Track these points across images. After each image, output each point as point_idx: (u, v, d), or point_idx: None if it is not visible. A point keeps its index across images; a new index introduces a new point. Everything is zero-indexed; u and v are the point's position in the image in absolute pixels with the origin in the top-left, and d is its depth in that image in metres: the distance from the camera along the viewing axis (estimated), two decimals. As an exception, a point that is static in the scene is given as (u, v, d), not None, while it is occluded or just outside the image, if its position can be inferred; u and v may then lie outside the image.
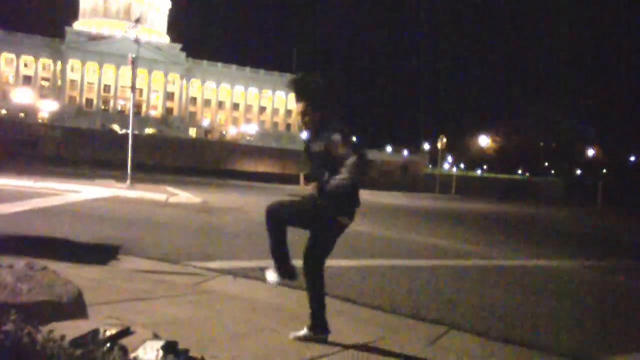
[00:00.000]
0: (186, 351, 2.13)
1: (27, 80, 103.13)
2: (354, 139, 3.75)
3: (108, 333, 2.16)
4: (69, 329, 2.12)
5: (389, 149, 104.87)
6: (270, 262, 3.93)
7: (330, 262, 3.79)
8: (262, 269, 4.28)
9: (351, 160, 3.59)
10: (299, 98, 3.91)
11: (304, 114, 3.90)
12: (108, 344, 1.90)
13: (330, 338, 3.86)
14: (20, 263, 3.39)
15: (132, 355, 1.92)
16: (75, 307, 2.88)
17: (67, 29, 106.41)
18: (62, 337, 1.79)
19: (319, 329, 3.79)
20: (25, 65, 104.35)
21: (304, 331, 3.79)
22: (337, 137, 3.64)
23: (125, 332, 2.22)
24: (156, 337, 2.29)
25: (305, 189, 3.83)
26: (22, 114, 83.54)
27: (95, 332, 2.13)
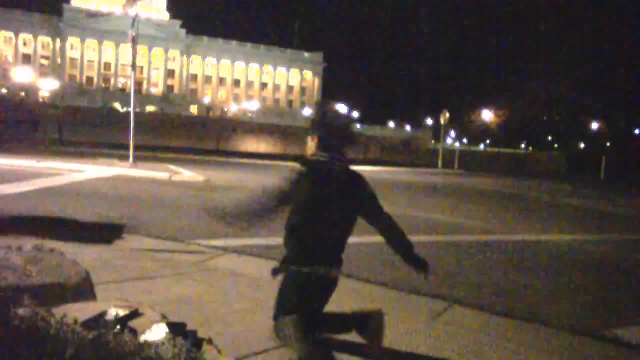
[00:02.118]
0: (194, 332, 2.18)
1: (27, 58, 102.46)
2: None
3: (117, 315, 2.21)
4: (79, 311, 2.17)
5: (391, 124, 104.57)
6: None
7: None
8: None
9: None
10: None
11: None
12: (118, 326, 1.95)
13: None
14: (28, 245, 3.44)
15: (141, 337, 1.97)
16: (84, 288, 2.94)
17: (65, 5, 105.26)
18: (75, 321, 1.83)
19: None
20: (24, 43, 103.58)
21: None
22: None
23: (134, 314, 2.27)
24: (164, 318, 2.34)
25: None
26: (22, 93, 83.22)
27: (105, 314, 2.18)
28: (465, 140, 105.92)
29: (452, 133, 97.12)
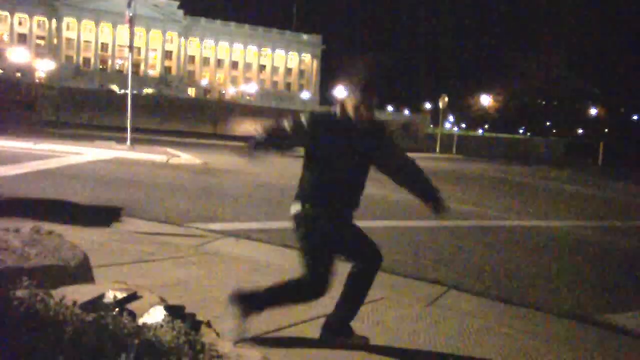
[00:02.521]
0: (192, 315, 2.18)
1: (22, 38, 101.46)
2: None
3: (116, 298, 2.21)
4: (78, 294, 2.18)
5: (390, 108, 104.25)
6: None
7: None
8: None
9: None
10: None
11: None
12: (116, 309, 1.96)
13: (332, 299, 3.93)
14: (26, 227, 3.44)
15: (140, 320, 1.97)
16: (82, 271, 2.94)
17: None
18: (74, 303, 1.84)
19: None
20: (20, 23, 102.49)
21: None
22: None
23: (133, 296, 2.28)
24: (163, 301, 2.35)
25: None
26: (18, 74, 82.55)
27: (104, 297, 2.19)
28: (463, 125, 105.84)
29: (451, 118, 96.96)
